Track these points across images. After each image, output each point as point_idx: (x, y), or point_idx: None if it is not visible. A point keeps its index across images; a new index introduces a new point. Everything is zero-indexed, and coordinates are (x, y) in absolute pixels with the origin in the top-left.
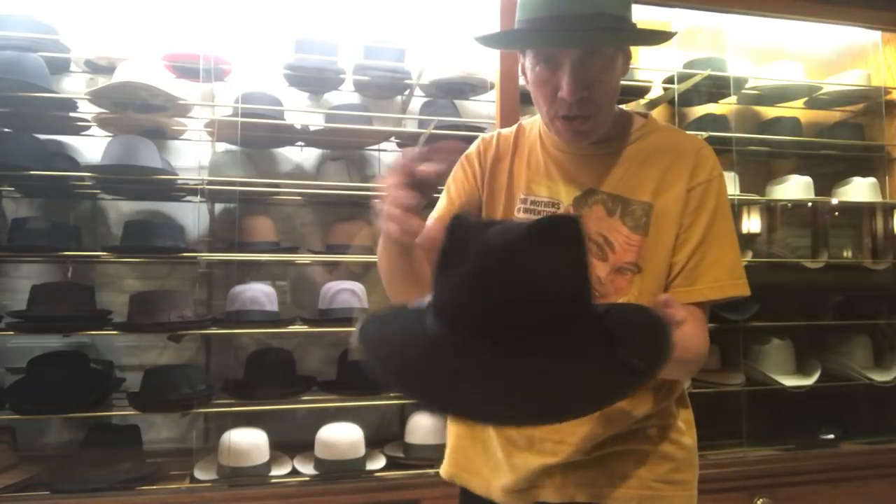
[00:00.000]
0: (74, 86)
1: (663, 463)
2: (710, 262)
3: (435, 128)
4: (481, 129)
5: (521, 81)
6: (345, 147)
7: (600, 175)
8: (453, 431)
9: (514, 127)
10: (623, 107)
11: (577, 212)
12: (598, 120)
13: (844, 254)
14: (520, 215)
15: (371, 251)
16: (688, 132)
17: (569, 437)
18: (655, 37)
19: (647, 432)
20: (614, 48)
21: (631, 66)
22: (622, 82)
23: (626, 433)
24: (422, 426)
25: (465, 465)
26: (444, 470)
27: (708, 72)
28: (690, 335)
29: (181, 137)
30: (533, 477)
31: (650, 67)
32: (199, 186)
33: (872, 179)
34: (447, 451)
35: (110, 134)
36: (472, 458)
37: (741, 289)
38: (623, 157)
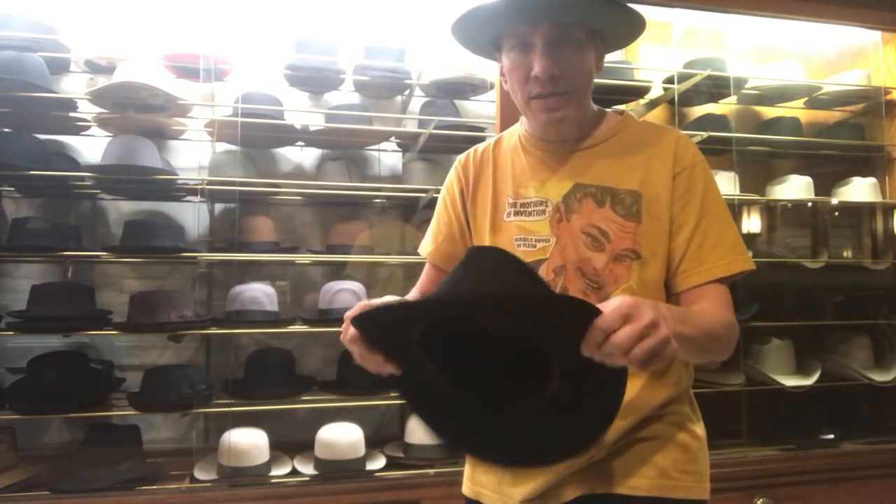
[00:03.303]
0: (74, 86)
1: (680, 452)
2: (713, 241)
3: (435, 128)
4: (481, 129)
5: (504, 86)
6: (345, 147)
7: (585, 169)
8: None
9: (493, 139)
10: (618, 106)
11: (567, 207)
12: (571, 99)
13: (844, 254)
14: (509, 219)
15: (371, 251)
16: (664, 125)
17: None
18: (625, 18)
19: (664, 420)
20: (585, 34)
21: (631, 66)
22: (621, 82)
23: (643, 420)
24: (422, 426)
25: (485, 483)
26: (466, 488)
27: (708, 72)
28: (705, 313)
29: (181, 137)
30: (553, 481)
31: (650, 67)
32: (199, 186)
33: (872, 179)
34: (466, 470)
35: (110, 134)
36: (492, 473)
37: (747, 263)
38: (605, 150)
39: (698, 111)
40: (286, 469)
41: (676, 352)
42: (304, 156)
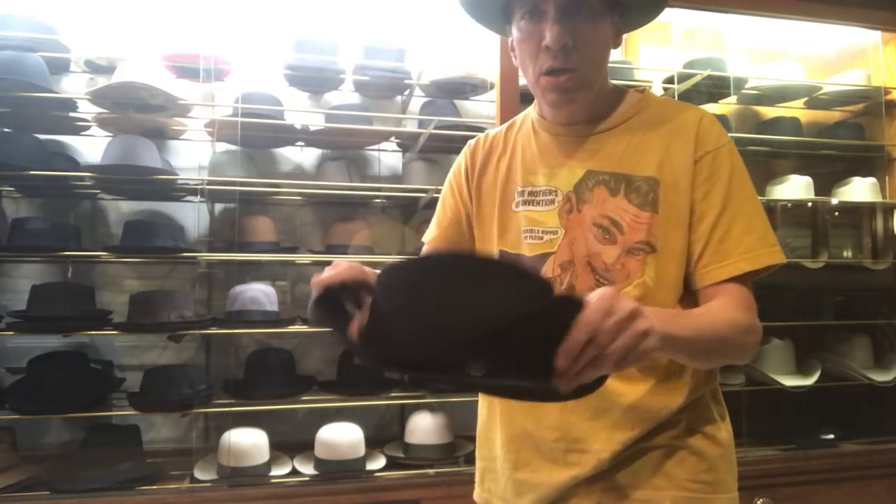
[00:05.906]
0: (74, 86)
1: (696, 460)
2: (739, 232)
3: (435, 128)
4: (481, 130)
5: (514, 62)
6: (345, 147)
7: (599, 155)
8: (481, 455)
9: (506, 125)
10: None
11: (579, 197)
12: (584, 77)
13: (844, 254)
14: (518, 209)
15: (371, 251)
16: (688, 103)
17: (593, 445)
18: None
19: (678, 426)
20: (602, 4)
21: (631, 66)
22: (621, 82)
23: (655, 428)
24: (422, 426)
25: (493, 490)
26: (476, 495)
27: (708, 72)
28: (710, 312)
29: (181, 137)
30: (559, 492)
31: (650, 67)
32: (199, 186)
33: (872, 179)
34: (477, 476)
35: (110, 134)
36: (499, 481)
37: (777, 256)
38: (621, 133)
39: None
40: (286, 469)
41: (656, 349)
42: (304, 156)
